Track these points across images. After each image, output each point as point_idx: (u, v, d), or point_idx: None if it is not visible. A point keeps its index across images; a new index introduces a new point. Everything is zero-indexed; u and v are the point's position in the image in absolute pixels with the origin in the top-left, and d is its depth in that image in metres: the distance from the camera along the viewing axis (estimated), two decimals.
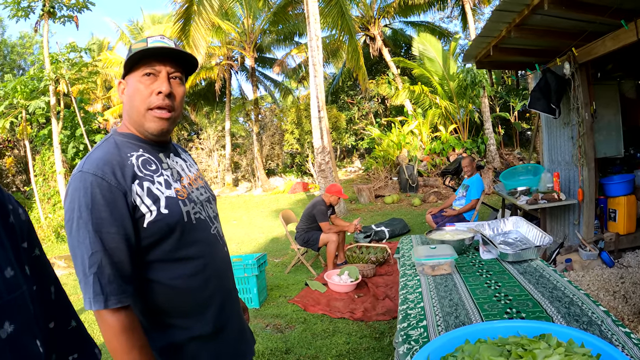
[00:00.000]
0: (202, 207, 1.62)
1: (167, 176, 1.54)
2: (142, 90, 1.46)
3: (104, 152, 1.44)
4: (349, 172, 21.39)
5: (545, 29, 4.84)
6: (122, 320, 1.33)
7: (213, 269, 1.58)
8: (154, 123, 1.50)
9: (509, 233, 3.39)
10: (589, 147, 5.40)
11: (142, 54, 1.44)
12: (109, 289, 1.31)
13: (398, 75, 19.32)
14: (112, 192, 1.35)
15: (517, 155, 16.07)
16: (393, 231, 8.78)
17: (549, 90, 5.59)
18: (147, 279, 1.45)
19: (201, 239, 1.56)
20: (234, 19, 19.86)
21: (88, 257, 1.30)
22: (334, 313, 4.98)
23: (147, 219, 1.41)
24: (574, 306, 2.05)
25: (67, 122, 13.09)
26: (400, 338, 2.01)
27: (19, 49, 30.49)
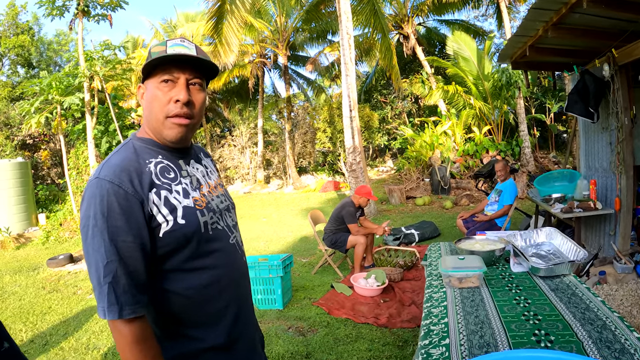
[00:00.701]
0: (220, 217, 1.58)
1: (186, 184, 1.51)
2: (160, 97, 1.43)
3: (122, 158, 1.41)
4: (381, 171, 21.23)
5: (583, 29, 4.66)
6: (135, 330, 1.32)
7: (229, 279, 1.55)
8: (172, 130, 1.47)
9: (541, 245, 3.25)
10: (627, 153, 5.18)
11: (159, 61, 1.41)
12: (123, 299, 1.30)
13: (432, 74, 19.09)
14: (129, 201, 1.33)
15: (552, 159, 15.70)
16: (423, 234, 8.64)
17: (587, 93, 5.39)
18: (162, 289, 1.42)
19: (219, 249, 1.53)
20: (266, 17, 19.90)
21: (103, 266, 1.29)
22: (358, 318, 4.90)
23: (163, 228, 1.38)
24: (606, 331, 1.93)
25: (101, 118, 13.27)
26: (420, 357, 1.92)
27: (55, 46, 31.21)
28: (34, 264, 8.85)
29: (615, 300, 4.65)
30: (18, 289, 7.05)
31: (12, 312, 5.98)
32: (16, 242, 11.10)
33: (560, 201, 5.87)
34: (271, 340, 4.37)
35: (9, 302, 6.41)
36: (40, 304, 6.26)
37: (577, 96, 5.49)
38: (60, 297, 6.56)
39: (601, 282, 5.12)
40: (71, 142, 15.20)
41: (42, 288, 7.08)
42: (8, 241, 10.94)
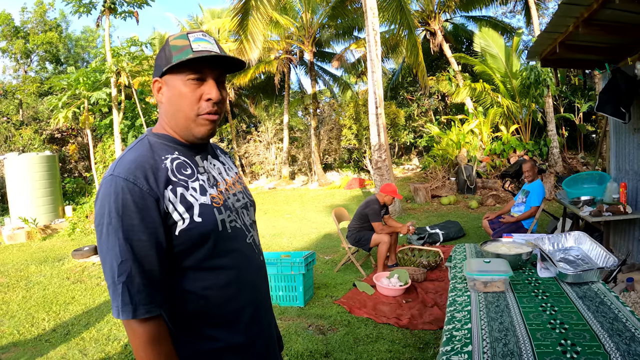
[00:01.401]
0: (237, 215, 1.55)
1: (203, 181, 1.47)
2: (188, 94, 1.40)
3: (137, 154, 1.39)
4: (407, 169, 21.10)
5: (615, 25, 4.52)
6: (150, 330, 1.30)
7: (246, 279, 1.51)
8: (204, 127, 1.45)
9: (569, 249, 3.17)
10: None
11: (195, 60, 1.38)
12: (137, 299, 1.27)
13: (459, 72, 18.86)
14: (144, 198, 1.30)
15: (581, 160, 15.40)
16: (448, 234, 8.55)
17: (618, 92, 5.24)
18: (178, 288, 1.39)
19: (235, 248, 1.49)
20: (292, 14, 19.90)
21: (117, 265, 1.27)
22: (380, 318, 4.86)
23: (179, 227, 1.35)
24: (635, 343, 1.86)
25: (127, 113, 13.43)
26: None
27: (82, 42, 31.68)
28: (59, 254, 8.98)
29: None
30: (43, 279, 7.15)
31: (36, 301, 6.06)
32: (43, 233, 11.28)
33: (589, 204, 5.73)
34: (290, 338, 4.36)
35: (33, 292, 6.51)
36: (64, 294, 6.35)
37: (608, 95, 5.35)
38: (83, 287, 6.64)
39: (628, 290, 4.98)
40: (98, 136, 15.41)
41: (67, 278, 7.17)
42: (35, 232, 11.13)
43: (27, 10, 26.40)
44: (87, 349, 4.53)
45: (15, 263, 8.34)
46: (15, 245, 10.40)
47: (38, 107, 21.28)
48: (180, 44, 1.40)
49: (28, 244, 10.47)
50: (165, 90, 1.44)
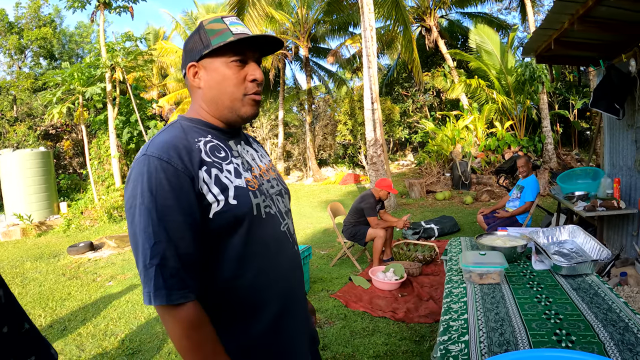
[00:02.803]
0: (272, 201, 1.51)
1: (237, 165, 1.44)
2: (232, 76, 1.41)
3: (170, 135, 1.36)
4: (402, 165, 21.14)
5: (610, 22, 4.55)
6: (190, 315, 1.24)
7: (280, 268, 1.48)
8: (251, 107, 1.45)
9: (564, 243, 3.20)
10: None
11: (236, 42, 1.39)
12: (171, 283, 1.22)
13: (454, 68, 18.90)
14: (179, 177, 1.26)
15: (575, 156, 15.49)
16: (442, 229, 8.59)
17: (612, 88, 5.28)
18: (208, 275, 1.34)
19: (270, 235, 1.45)
20: (287, 9, 19.89)
21: (150, 247, 1.22)
22: (375, 311, 4.89)
23: (213, 209, 1.31)
24: (628, 333, 1.90)
25: (122, 108, 13.41)
26: (439, 352, 1.91)
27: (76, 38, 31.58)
28: (55, 251, 8.98)
29: (636, 303, 4.57)
30: (38, 275, 7.15)
31: (32, 297, 6.07)
32: (38, 229, 11.26)
33: (583, 199, 5.78)
34: None
35: (29, 288, 6.52)
36: (60, 290, 6.36)
37: (602, 92, 5.38)
38: (79, 283, 6.65)
39: (622, 284, 5.03)
40: (93, 132, 15.38)
41: (62, 275, 7.17)
42: (30, 229, 11.11)
43: (21, 6, 26.39)
44: (84, 344, 4.54)
45: (10, 260, 8.34)
46: (11, 242, 10.39)
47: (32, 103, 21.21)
48: (217, 28, 1.40)
49: (23, 240, 10.46)
50: (203, 74, 1.43)
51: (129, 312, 5.40)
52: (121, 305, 5.64)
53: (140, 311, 5.39)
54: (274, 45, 1.51)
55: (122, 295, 6.01)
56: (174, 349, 4.29)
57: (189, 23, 24.31)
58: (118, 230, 10.88)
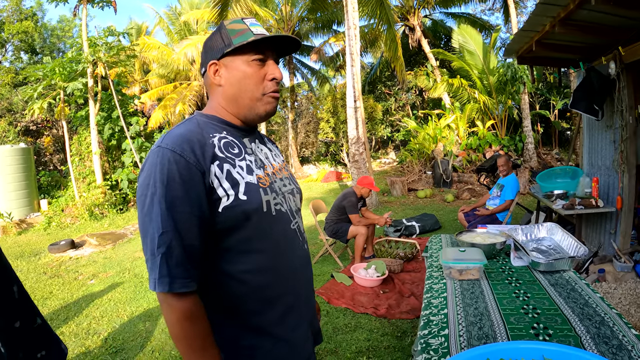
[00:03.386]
0: (284, 199, 1.54)
1: (250, 162, 1.47)
2: (253, 75, 1.45)
3: (186, 130, 1.38)
4: (384, 163, 21.24)
5: (591, 25, 4.62)
6: (187, 306, 1.29)
7: (288, 265, 1.50)
8: (270, 105, 1.50)
9: (542, 240, 3.26)
10: (631, 152, 5.16)
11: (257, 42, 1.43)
12: (175, 272, 1.26)
13: (437, 67, 19.02)
14: (190, 170, 1.29)
15: (555, 156, 15.68)
16: (424, 227, 8.66)
17: (592, 90, 5.37)
18: (217, 270, 1.38)
19: (279, 232, 1.48)
20: (272, 6, 19.84)
21: (158, 235, 1.25)
22: (358, 308, 4.93)
23: (222, 203, 1.34)
24: (604, 327, 1.95)
25: (104, 104, 13.29)
26: (419, 346, 1.94)
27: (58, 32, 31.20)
28: (36, 249, 8.90)
29: (613, 299, 4.66)
30: (19, 274, 7.07)
31: None
32: (18, 227, 11.12)
33: (562, 198, 5.87)
34: None
35: None
36: (42, 289, 6.31)
37: (582, 93, 5.47)
38: (61, 282, 6.60)
39: (600, 280, 5.13)
40: (74, 128, 15.20)
41: (43, 273, 7.12)
42: (10, 226, 10.98)
43: None
44: (67, 343, 4.52)
45: None
46: None
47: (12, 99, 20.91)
48: (238, 28, 1.44)
49: (3, 238, 10.35)
50: (223, 72, 1.47)
51: (112, 310, 5.38)
52: (103, 304, 5.61)
53: (123, 309, 5.38)
54: (293, 46, 1.56)
55: (105, 294, 5.98)
56: (157, 347, 4.29)
57: (172, 18, 24.12)
58: (99, 228, 10.81)
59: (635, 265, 5.07)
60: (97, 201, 12.28)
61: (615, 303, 4.56)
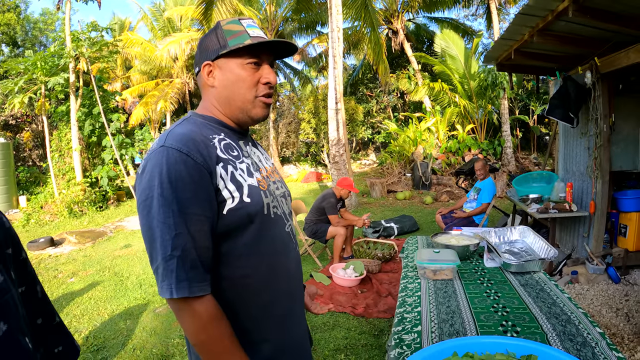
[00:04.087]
0: (278, 202, 1.53)
1: (248, 164, 1.46)
2: (247, 78, 1.43)
3: (188, 129, 1.36)
4: (364, 164, 21.35)
5: (568, 36, 4.76)
6: (210, 308, 1.25)
7: (285, 268, 1.50)
8: (262, 109, 1.48)
9: (515, 242, 3.37)
10: (604, 159, 5.32)
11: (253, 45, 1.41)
12: (192, 275, 1.22)
13: (419, 70, 19.20)
14: (199, 171, 1.26)
15: (533, 160, 15.93)
16: (402, 228, 8.76)
17: (568, 98, 5.52)
18: (218, 274, 1.34)
19: (277, 234, 1.47)
20: (256, 5, 19.80)
21: (171, 238, 1.20)
22: (336, 307, 4.99)
23: (227, 205, 1.31)
24: (570, 325, 2.04)
25: (85, 100, 13.19)
26: (393, 341, 2.02)
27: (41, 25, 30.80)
28: None
29: (585, 300, 4.80)
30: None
31: None
32: None
33: (537, 202, 6.01)
34: None
35: None
36: None
37: (558, 101, 5.61)
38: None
39: (573, 282, 5.27)
40: (54, 123, 15.05)
41: None
42: None
43: None
44: None
45: None
46: None
47: None
48: (234, 29, 1.42)
49: None
50: (217, 74, 1.45)
51: (92, 309, 5.38)
52: (84, 302, 5.61)
53: (104, 308, 5.39)
54: (289, 51, 1.54)
55: (85, 292, 5.97)
56: (139, 345, 4.31)
57: (156, 14, 23.96)
58: (78, 226, 10.75)
59: (607, 268, 5.23)
60: (76, 198, 12.20)
61: (587, 304, 4.70)
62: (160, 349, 4.19)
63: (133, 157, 14.19)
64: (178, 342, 4.30)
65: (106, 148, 13.46)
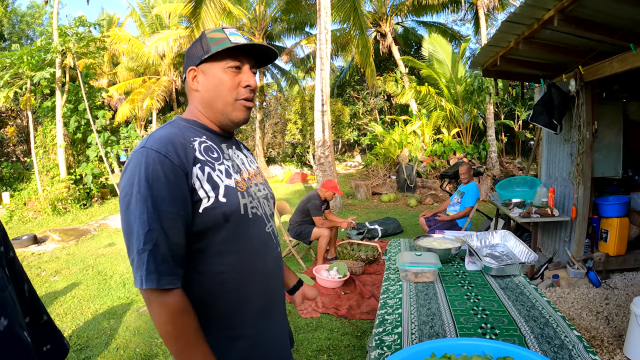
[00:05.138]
0: (259, 203, 1.59)
1: (228, 166, 1.52)
2: (227, 81, 1.50)
3: (168, 132, 1.43)
4: (349, 166, 21.41)
5: (553, 44, 4.82)
6: (177, 300, 1.31)
7: (263, 267, 1.56)
8: (242, 112, 1.55)
9: (496, 246, 3.41)
10: (586, 166, 5.40)
11: (233, 49, 1.49)
12: (162, 268, 1.28)
13: (406, 74, 19.30)
14: (174, 171, 1.33)
15: (517, 165, 16.10)
16: (386, 230, 8.81)
17: (552, 105, 5.59)
18: (195, 270, 1.41)
19: (255, 234, 1.53)
20: (246, 4, 19.78)
21: (144, 233, 1.28)
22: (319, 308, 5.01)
23: (203, 204, 1.38)
24: (548, 327, 2.08)
25: (71, 96, 13.09)
26: (374, 342, 2.05)
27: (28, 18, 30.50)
28: None
29: (566, 303, 4.87)
30: None
31: None
32: None
33: (519, 206, 6.08)
34: None
35: None
36: None
37: (542, 107, 5.68)
38: None
39: (554, 285, 5.35)
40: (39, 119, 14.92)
41: None
42: None
43: None
44: None
45: None
46: None
47: None
48: (217, 37, 1.50)
49: None
50: (201, 78, 1.53)
51: (75, 307, 5.35)
52: (67, 301, 5.58)
53: (87, 307, 5.36)
54: (270, 57, 1.62)
55: (68, 291, 5.94)
56: (122, 344, 4.31)
57: (145, 10, 23.81)
58: (62, 224, 10.67)
59: (588, 272, 5.31)
60: (60, 195, 12.10)
61: (567, 307, 4.77)
62: (144, 349, 4.19)
63: (118, 154, 14.11)
64: (161, 341, 4.30)
65: (91, 145, 13.35)
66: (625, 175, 6.04)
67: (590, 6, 3.77)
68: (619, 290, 5.11)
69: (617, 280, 5.40)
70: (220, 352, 1.43)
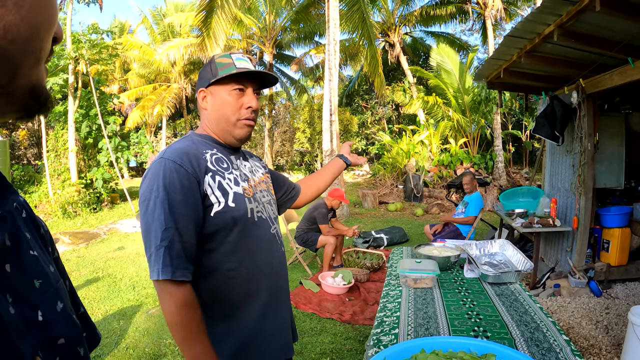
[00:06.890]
0: (264, 207, 1.77)
1: (237, 175, 1.70)
2: (231, 102, 1.68)
3: (184, 144, 1.62)
4: (357, 175, 21.50)
5: (555, 58, 4.95)
6: (186, 294, 1.46)
7: (268, 265, 1.72)
8: (243, 130, 1.72)
9: (494, 255, 3.51)
10: (588, 177, 5.49)
11: (238, 74, 1.66)
12: (176, 262, 1.44)
13: (414, 84, 19.42)
14: (189, 179, 1.52)
15: (524, 175, 16.12)
16: (392, 239, 8.89)
17: (554, 117, 5.68)
18: (203, 267, 1.58)
19: (261, 235, 1.71)
20: (256, 14, 19.98)
21: (161, 231, 1.45)
22: (324, 313, 5.12)
23: (214, 209, 1.56)
24: (538, 332, 2.18)
25: (83, 101, 13.27)
26: (372, 341, 2.16)
27: None
28: None
29: (567, 312, 4.93)
30: None
31: None
32: None
33: (522, 216, 6.16)
34: None
35: None
36: None
37: (545, 119, 5.77)
38: None
39: (555, 294, 5.42)
40: (50, 123, 15.12)
41: None
42: None
43: None
44: None
45: None
46: None
47: None
48: (224, 62, 1.68)
49: None
50: (210, 99, 1.71)
51: (86, 308, 5.44)
52: None
53: (97, 308, 5.48)
54: (271, 81, 1.81)
55: (78, 292, 6.01)
56: (132, 344, 4.42)
57: (157, 18, 24.09)
58: (72, 227, 10.81)
59: (589, 282, 5.38)
60: (71, 199, 12.26)
61: (568, 316, 4.83)
62: (153, 349, 4.31)
63: (128, 160, 14.28)
64: (170, 342, 4.41)
65: (102, 150, 13.52)
66: (627, 186, 6.13)
67: (588, 21, 3.89)
68: (620, 300, 5.17)
69: (618, 290, 5.46)
70: (220, 341, 1.58)
